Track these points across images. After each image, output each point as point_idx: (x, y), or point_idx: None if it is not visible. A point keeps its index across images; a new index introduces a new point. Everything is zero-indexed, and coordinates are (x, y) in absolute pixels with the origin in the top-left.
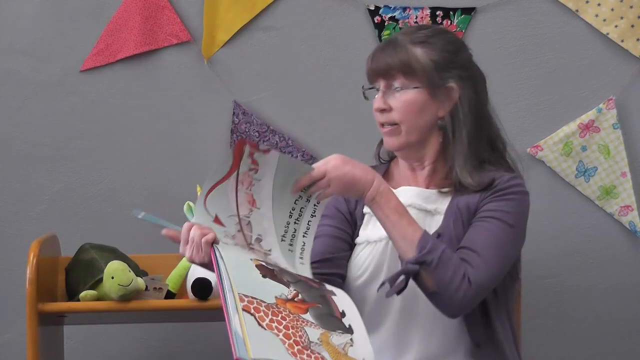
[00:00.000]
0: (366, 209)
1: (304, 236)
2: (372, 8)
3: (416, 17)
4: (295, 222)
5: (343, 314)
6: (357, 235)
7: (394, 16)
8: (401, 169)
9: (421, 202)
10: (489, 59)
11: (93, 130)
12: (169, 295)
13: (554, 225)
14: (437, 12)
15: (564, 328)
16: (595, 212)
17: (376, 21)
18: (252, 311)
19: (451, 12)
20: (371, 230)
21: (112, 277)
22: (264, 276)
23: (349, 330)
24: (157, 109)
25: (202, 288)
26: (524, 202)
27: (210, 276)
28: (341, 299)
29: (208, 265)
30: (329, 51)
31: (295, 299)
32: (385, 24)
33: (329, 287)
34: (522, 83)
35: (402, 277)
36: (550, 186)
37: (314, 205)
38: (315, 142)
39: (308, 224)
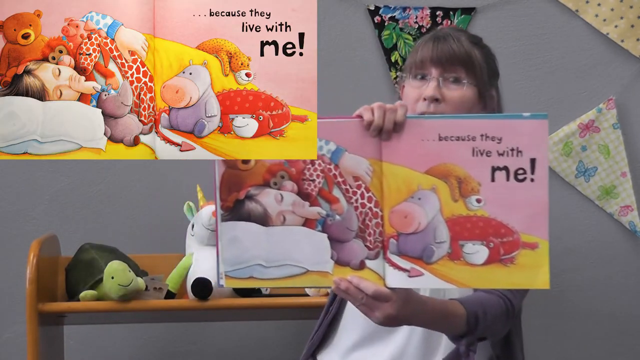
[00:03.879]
0: None
1: None
2: (372, 8)
3: (416, 17)
4: None
5: None
6: None
7: (394, 16)
8: None
9: None
10: None
11: None
12: (169, 295)
13: (554, 225)
14: (437, 12)
15: (564, 328)
16: (595, 212)
17: (376, 21)
18: None
19: (451, 12)
20: None
21: (112, 277)
22: None
23: None
24: None
25: (202, 288)
26: None
27: (210, 276)
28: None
29: None
30: (329, 51)
31: None
32: (385, 24)
33: None
34: (522, 83)
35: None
36: (550, 186)
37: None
38: None
39: None
